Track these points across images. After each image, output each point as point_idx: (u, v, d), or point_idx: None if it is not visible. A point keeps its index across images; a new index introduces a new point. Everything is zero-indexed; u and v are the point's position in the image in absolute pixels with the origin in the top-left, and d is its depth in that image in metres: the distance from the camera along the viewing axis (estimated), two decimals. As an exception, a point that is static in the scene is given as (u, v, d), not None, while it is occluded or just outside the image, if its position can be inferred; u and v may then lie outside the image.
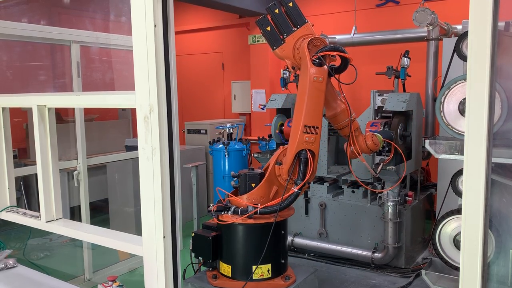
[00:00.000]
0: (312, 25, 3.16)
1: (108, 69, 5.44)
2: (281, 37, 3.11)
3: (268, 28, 3.13)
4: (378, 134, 3.64)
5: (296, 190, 2.93)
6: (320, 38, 3.09)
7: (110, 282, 2.25)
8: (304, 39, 3.06)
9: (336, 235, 4.94)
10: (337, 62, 3.22)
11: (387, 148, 3.91)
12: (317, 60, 2.99)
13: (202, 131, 7.51)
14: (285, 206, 2.98)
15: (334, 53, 3.01)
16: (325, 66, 2.99)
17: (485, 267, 1.19)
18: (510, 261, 2.35)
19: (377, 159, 4.62)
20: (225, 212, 3.03)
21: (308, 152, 2.97)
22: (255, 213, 2.94)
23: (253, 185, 3.13)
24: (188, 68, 9.36)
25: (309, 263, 4.80)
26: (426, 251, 4.98)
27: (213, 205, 3.10)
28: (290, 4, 3.11)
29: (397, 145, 4.38)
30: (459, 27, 5.33)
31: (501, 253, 2.46)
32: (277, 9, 3.13)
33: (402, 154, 4.04)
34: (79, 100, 2.52)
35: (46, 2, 6.11)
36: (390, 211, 4.42)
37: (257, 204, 2.97)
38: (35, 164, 2.41)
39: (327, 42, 3.14)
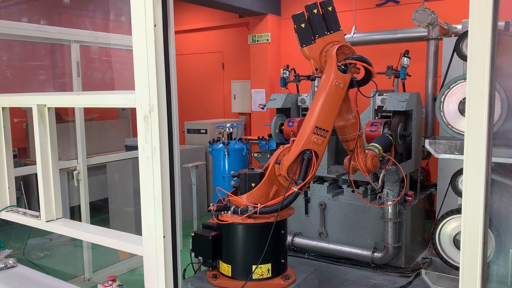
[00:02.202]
0: (345, 34, 3.22)
1: (108, 69, 5.44)
2: (313, 37, 3.16)
3: (303, 25, 3.17)
4: (377, 145, 3.64)
5: (296, 190, 2.93)
6: (349, 47, 3.16)
7: (110, 282, 2.25)
8: (334, 44, 3.13)
9: (336, 235, 4.94)
10: (359, 76, 3.27)
11: (385, 160, 3.94)
12: (343, 67, 3.05)
13: (202, 131, 7.51)
14: (285, 206, 2.98)
15: (361, 64, 3.08)
16: (349, 74, 3.05)
17: (485, 267, 1.19)
18: (510, 261, 2.35)
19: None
20: (225, 212, 3.03)
21: (313, 153, 2.98)
22: (255, 212, 2.94)
23: (252, 184, 3.13)
24: (188, 68, 9.35)
25: (309, 263, 4.80)
26: (426, 250, 4.98)
27: (213, 205, 3.10)
28: (330, 8, 3.17)
29: (397, 145, 4.38)
30: (459, 26, 5.33)
31: (501, 253, 2.46)
32: (316, 10, 3.17)
33: (401, 168, 4.07)
34: (79, 100, 2.52)
35: (46, 2, 6.10)
36: (390, 210, 4.43)
37: (257, 204, 2.98)
38: (35, 164, 2.41)
39: (355, 52, 3.20)
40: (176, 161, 1.79)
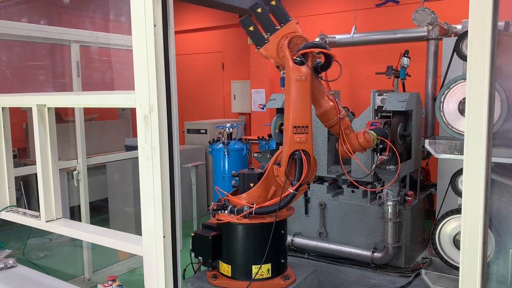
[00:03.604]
0: (297, 23, 3.05)
1: (108, 69, 5.44)
2: (265, 36, 3.03)
3: (251, 28, 3.04)
4: (372, 132, 3.60)
5: (292, 191, 2.91)
6: (301, 36, 2.99)
7: (110, 282, 2.25)
8: (287, 37, 2.97)
9: (336, 235, 4.94)
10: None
11: (381, 146, 3.84)
12: (298, 59, 2.90)
13: (202, 131, 7.51)
14: (281, 208, 2.96)
15: (314, 50, 2.90)
16: (307, 65, 2.90)
17: (485, 267, 1.19)
18: (509, 261, 2.35)
19: (377, 158, 4.62)
20: (222, 211, 3.03)
21: (301, 153, 2.94)
22: (250, 213, 2.94)
23: (251, 185, 3.13)
24: (188, 68, 9.35)
25: (309, 263, 4.80)
26: (426, 250, 4.98)
27: (213, 204, 3.11)
28: (273, 3, 3.01)
29: (395, 144, 4.38)
30: (459, 26, 5.33)
31: (501, 253, 2.46)
32: (260, 8, 3.03)
33: (397, 152, 4.00)
34: (78, 100, 2.52)
35: (45, 2, 6.10)
36: (389, 210, 4.43)
37: (253, 204, 2.97)
38: (35, 164, 2.41)
39: (309, 39, 3.03)
40: (176, 161, 1.79)
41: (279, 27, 2.98)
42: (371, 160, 4.69)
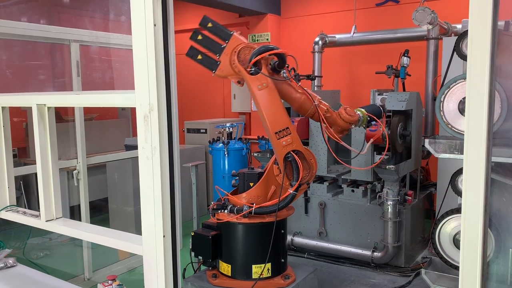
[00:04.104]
0: (240, 33, 2.97)
1: (108, 68, 5.44)
2: (216, 59, 2.98)
3: (200, 57, 3.01)
4: (361, 109, 3.52)
5: (291, 191, 2.91)
6: (247, 46, 2.92)
7: (110, 281, 2.25)
8: (235, 52, 2.93)
9: (336, 234, 4.94)
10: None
11: (373, 123, 3.74)
12: (252, 69, 2.87)
13: (201, 130, 7.51)
14: (280, 209, 2.96)
15: (263, 55, 2.86)
16: (263, 72, 2.87)
17: (485, 266, 1.19)
18: (509, 260, 2.35)
19: (377, 158, 4.63)
20: (222, 210, 3.04)
21: (293, 154, 2.93)
22: (250, 212, 2.94)
23: (251, 184, 3.13)
24: (188, 67, 9.34)
25: (309, 262, 4.80)
26: (426, 250, 4.98)
27: (213, 203, 3.11)
28: (210, 25, 2.98)
29: (397, 145, 4.38)
30: (459, 26, 5.33)
31: (501, 252, 2.46)
32: (199, 36, 2.99)
33: (387, 136, 3.92)
34: (78, 100, 2.52)
35: (45, 1, 6.10)
36: (389, 210, 4.43)
37: (253, 204, 2.98)
38: (35, 164, 2.41)
39: (255, 46, 2.95)
40: (176, 160, 1.79)
41: (225, 45, 2.93)
42: (371, 159, 4.70)
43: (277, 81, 3.01)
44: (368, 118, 3.54)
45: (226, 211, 3.02)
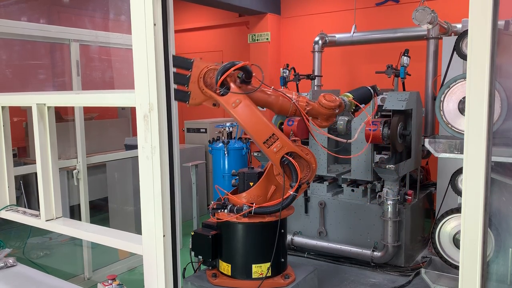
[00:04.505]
0: (201, 59, 2.95)
1: (108, 68, 5.44)
2: (186, 89, 2.94)
3: None
4: (348, 94, 3.42)
5: (292, 192, 2.91)
6: (210, 69, 2.90)
7: (110, 281, 2.25)
8: (201, 77, 2.91)
9: (336, 234, 4.95)
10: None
11: (358, 109, 3.56)
12: (221, 90, 2.86)
13: (201, 130, 7.50)
14: (283, 208, 2.96)
15: (226, 74, 2.82)
16: (232, 89, 2.87)
17: (485, 266, 1.19)
18: (509, 260, 2.35)
19: (377, 157, 4.62)
20: (222, 210, 3.04)
21: (287, 156, 2.92)
22: (250, 212, 2.94)
23: (251, 184, 3.13)
24: (188, 67, 9.34)
25: (309, 262, 4.80)
26: (426, 249, 4.98)
27: (213, 203, 3.11)
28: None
29: (397, 144, 4.38)
30: (459, 25, 5.33)
31: (501, 252, 2.46)
32: None
33: (376, 104, 3.80)
34: (78, 99, 2.52)
35: (45, 1, 6.10)
36: (389, 209, 4.43)
37: (253, 204, 2.98)
38: (35, 163, 2.41)
39: (217, 66, 2.92)
40: (176, 160, 1.79)
41: (189, 74, 2.89)
42: (371, 159, 4.70)
43: (250, 92, 2.98)
44: (354, 106, 3.41)
45: (226, 210, 3.02)
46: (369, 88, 3.59)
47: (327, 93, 3.29)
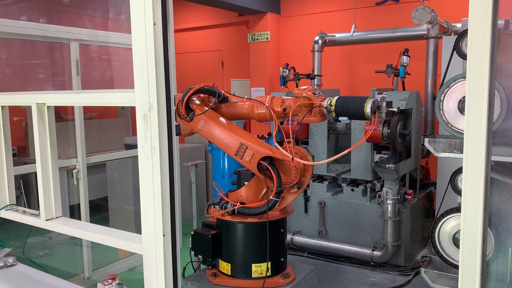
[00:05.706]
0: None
1: (108, 67, 5.44)
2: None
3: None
4: (332, 99, 2.97)
5: (271, 197, 2.88)
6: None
7: (109, 280, 2.25)
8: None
9: (336, 233, 4.95)
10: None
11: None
12: (188, 117, 2.88)
13: (201, 130, 7.49)
14: (262, 213, 2.94)
15: (184, 102, 2.83)
16: (196, 111, 2.87)
17: (484, 265, 1.19)
18: (509, 259, 2.36)
19: (377, 157, 4.63)
20: (214, 206, 3.06)
21: (263, 162, 2.89)
22: (233, 211, 2.95)
23: (245, 183, 3.14)
24: (188, 66, 9.35)
25: (309, 261, 4.80)
26: (426, 249, 4.99)
27: (212, 200, 3.13)
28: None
29: (397, 144, 4.38)
30: (459, 25, 5.33)
31: (500, 251, 2.47)
32: None
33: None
34: (78, 99, 2.52)
35: (45, 0, 6.10)
36: (389, 209, 4.43)
37: (243, 203, 2.99)
38: (35, 163, 2.41)
39: (177, 96, 2.94)
40: (175, 159, 1.79)
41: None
42: (370, 158, 4.70)
43: (219, 109, 2.99)
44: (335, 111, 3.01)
45: (217, 207, 3.04)
46: (370, 104, 2.88)
47: (331, 98, 3.16)
